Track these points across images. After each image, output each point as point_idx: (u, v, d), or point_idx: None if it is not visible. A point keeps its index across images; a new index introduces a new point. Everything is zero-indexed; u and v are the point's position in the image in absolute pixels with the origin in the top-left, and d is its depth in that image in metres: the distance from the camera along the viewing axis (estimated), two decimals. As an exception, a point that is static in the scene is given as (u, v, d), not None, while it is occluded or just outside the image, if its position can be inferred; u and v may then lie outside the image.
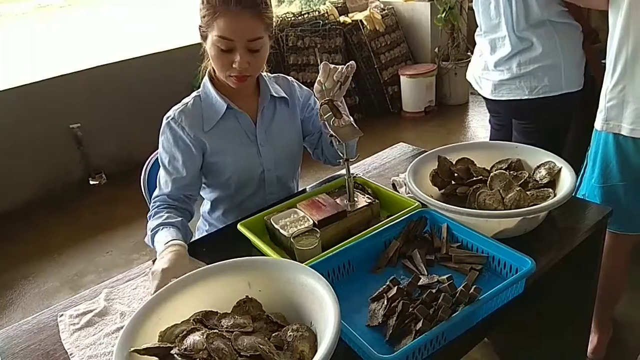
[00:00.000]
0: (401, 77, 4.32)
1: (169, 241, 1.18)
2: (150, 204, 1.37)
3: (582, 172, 1.59)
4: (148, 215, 1.34)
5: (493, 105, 1.87)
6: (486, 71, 1.78)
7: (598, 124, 1.48)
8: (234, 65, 1.25)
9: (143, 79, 3.77)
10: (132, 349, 0.80)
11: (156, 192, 1.38)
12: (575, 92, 1.66)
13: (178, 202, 1.35)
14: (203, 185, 1.47)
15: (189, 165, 1.36)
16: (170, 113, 1.38)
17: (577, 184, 1.57)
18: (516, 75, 1.67)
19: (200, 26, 1.27)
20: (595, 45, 1.67)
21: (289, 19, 4.15)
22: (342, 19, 4.30)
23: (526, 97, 1.68)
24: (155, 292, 0.99)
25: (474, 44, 1.90)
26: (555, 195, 1.16)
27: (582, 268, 1.32)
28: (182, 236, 1.24)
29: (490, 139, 2.04)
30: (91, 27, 6.21)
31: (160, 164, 1.39)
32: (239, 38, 1.22)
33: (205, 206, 1.56)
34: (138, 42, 4.70)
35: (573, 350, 1.51)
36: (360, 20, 4.22)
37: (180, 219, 1.29)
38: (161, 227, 1.25)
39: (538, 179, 1.25)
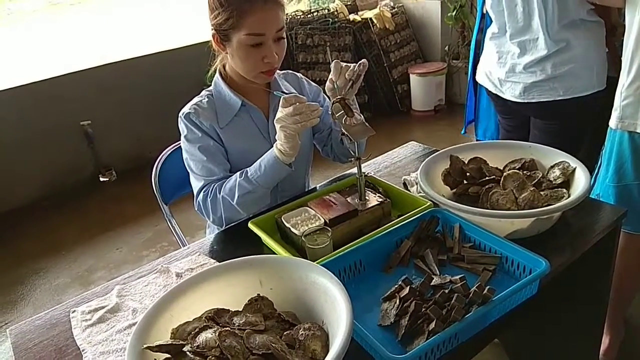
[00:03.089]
0: (411, 75, 4.30)
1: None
2: (161, 201, 1.37)
3: (596, 172, 1.57)
4: (209, 200, 1.32)
5: (516, 107, 1.78)
6: (513, 74, 1.71)
7: (613, 123, 1.46)
8: (265, 60, 1.28)
9: (154, 77, 3.79)
10: (144, 345, 0.80)
11: (201, 184, 1.35)
12: (603, 90, 1.62)
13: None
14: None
15: (217, 147, 1.36)
16: (185, 109, 1.39)
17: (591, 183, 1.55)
18: (551, 76, 1.62)
19: (218, 31, 1.26)
20: (612, 39, 1.65)
21: (299, 17, 4.15)
22: (351, 17, 4.28)
23: (560, 98, 1.62)
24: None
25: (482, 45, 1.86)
26: (569, 196, 1.15)
27: (596, 269, 1.30)
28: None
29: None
30: (102, 24, 6.23)
31: (189, 159, 1.37)
32: (269, 30, 1.25)
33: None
34: (149, 39, 4.70)
35: (585, 352, 1.50)
36: (370, 19, 4.20)
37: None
38: (241, 174, 1.30)
39: (552, 179, 1.23)
